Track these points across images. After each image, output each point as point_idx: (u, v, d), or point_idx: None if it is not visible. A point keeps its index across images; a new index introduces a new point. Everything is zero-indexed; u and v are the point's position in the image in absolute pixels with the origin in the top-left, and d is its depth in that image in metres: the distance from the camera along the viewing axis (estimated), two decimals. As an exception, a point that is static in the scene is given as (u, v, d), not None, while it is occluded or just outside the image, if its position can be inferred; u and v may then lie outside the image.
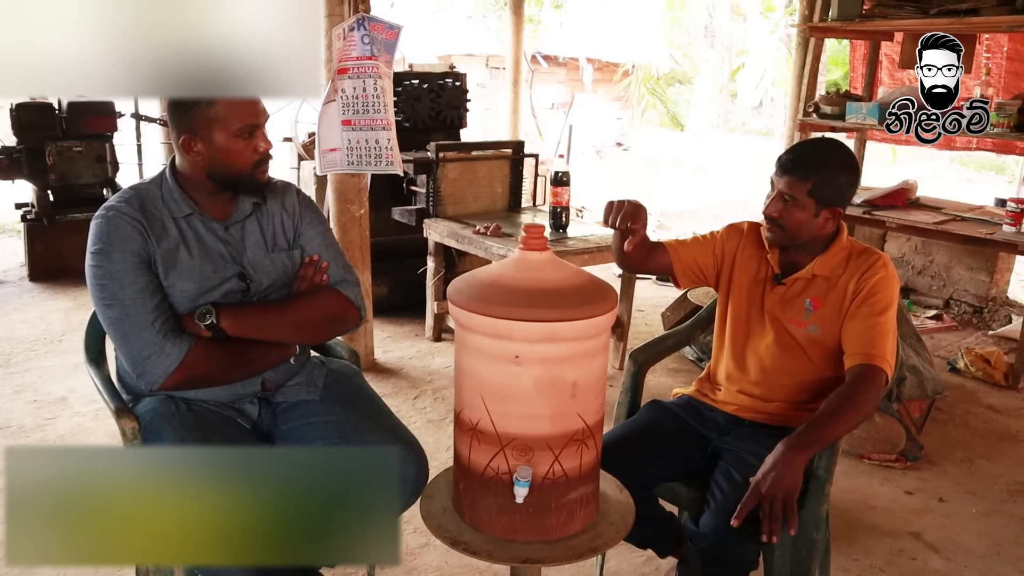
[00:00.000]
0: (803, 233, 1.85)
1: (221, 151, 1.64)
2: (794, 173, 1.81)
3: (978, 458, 3.07)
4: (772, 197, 1.85)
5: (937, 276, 4.96)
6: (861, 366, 1.75)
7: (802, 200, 1.80)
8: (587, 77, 16.95)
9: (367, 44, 3.15)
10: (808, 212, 1.82)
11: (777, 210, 1.83)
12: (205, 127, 1.62)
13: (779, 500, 1.57)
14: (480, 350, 1.40)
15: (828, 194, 1.81)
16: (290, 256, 1.82)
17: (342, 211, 3.55)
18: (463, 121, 4.85)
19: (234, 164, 1.66)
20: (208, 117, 1.61)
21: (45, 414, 3.23)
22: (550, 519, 1.44)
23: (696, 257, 2.01)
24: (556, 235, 3.73)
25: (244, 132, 1.64)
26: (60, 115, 4.89)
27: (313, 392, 1.86)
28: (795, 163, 1.82)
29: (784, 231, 1.85)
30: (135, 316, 1.59)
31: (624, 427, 1.96)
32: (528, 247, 1.45)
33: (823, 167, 1.82)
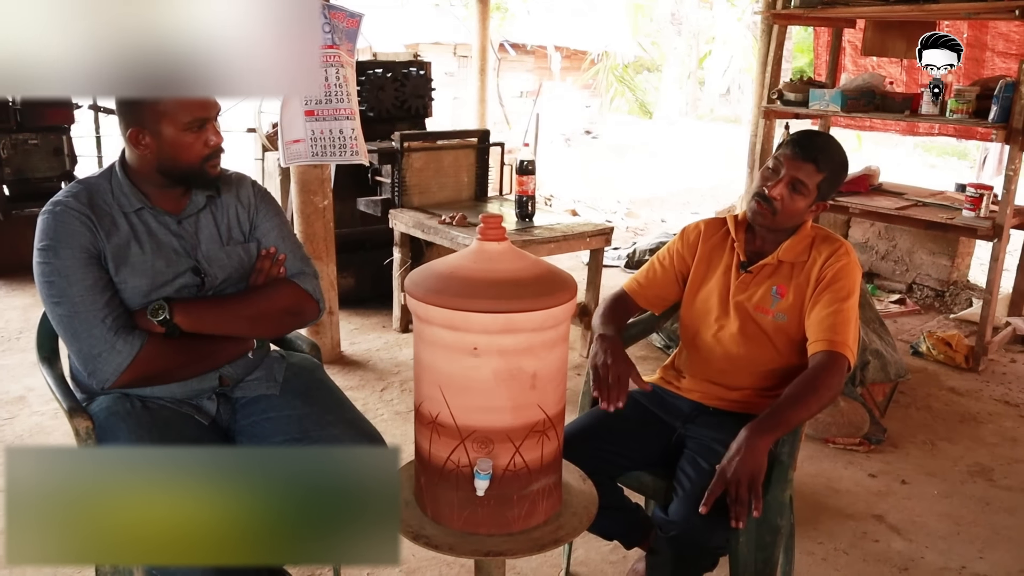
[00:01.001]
0: (791, 220, 1.86)
1: (170, 145, 1.59)
2: (813, 161, 1.80)
3: (939, 440, 3.11)
4: (779, 180, 1.82)
5: (900, 261, 5.02)
6: (824, 352, 1.76)
7: (810, 189, 1.81)
8: (555, 65, 16.92)
9: (328, 32, 3.10)
10: (807, 201, 1.83)
11: (781, 193, 1.82)
12: (153, 120, 1.57)
13: (744, 484, 1.58)
14: (438, 342, 1.38)
15: (827, 190, 1.84)
16: (246, 249, 1.78)
17: (305, 202, 3.51)
18: (428, 110, 4.81)
19: (183, 158, 1.62)
20: (156, 110, 1.57)
21: (3, 414, 3.16)
22: (512, 511, 1.43)
23: (658, 291, 2.05)
24: (523, 224, 3.72)
25: (193, 125, 1.60)
26: (14, 107, 4.77)
27: (273, 387, 1.83)
28: (816, 152, 1.81)
29: (776, 215, 1.84)
30: (84, 313, 1.55)
31: (587, 416, 1.95)
32: (486, 237, 1.43)
33: (836, 162, 1.84)
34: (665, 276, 2.03)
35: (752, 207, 1.87)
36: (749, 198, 1.89)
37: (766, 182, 1.84)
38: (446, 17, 14.63)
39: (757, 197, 1.85)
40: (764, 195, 1.83)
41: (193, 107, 1.59)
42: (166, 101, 1.56)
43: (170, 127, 1.58)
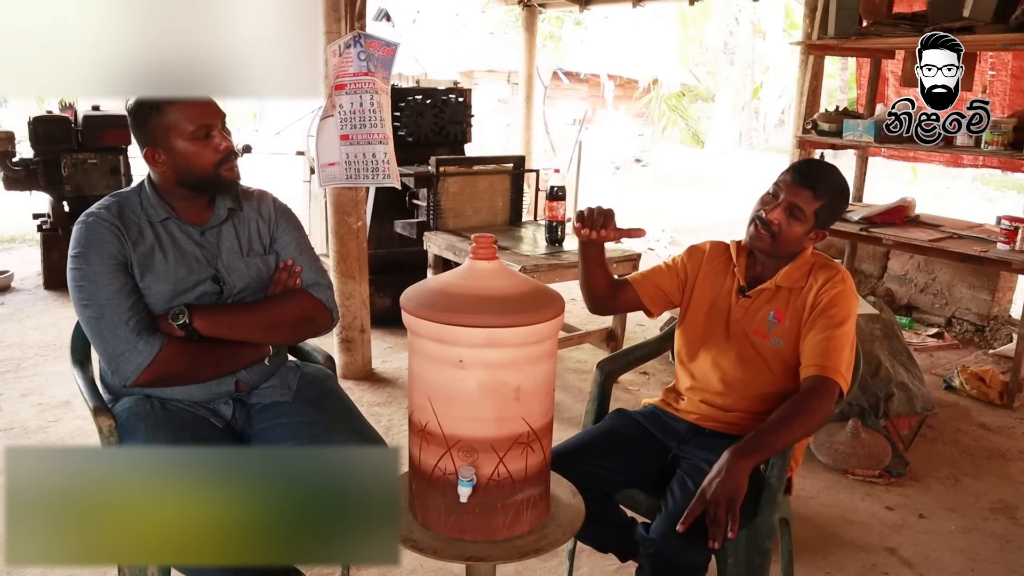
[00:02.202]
0: (789, 246, 1.89)
1: (182, 156, 1.71)
2: (811, 188, 1.84)
3: (964, 476, 3.07)
4: (777, 205, 1.86)
5: (939, 294, 4.95)
6: (814, 377, 1.78)
7: (807, 215, 1.85)
8: (608, 93, 17.04)
9: (363, 60, 3.24)
10: (805, 228, 1.87)
11: (778, 219, 1.86)
12: (163, 136, 1.70)
13: (723, 505, 1.60)
14: (427, 354, 1.45)
15: (826, 218, 1.87)
16: (264, 261, 1.89)
17: (340, 223, 3.63)
18: (467, 136, 4.93)
19: (197, 166, 1.73)
20: (163, 126, 1.69)
21: (48, 417, 3.33)
22: (496, 519, 1.49)
23: (660, 284, 2.06)
24: (552, 248, 3.79)
25: (200, 134, 1.71)
26: (76, 128, 5.04)
27: (286, 394, 1.92)
28: (815, 179, 1.84)
29: (774, 239, 1.88)
30: (110, 316, 1.67)
31: (587, 433, 2.00)
32: (477, 256, 1.50)
33: (834, 191, 1.87)
34: (667, 274, 2.06)
35: (751, 231, 1.91)
36: (748, 222, 1.94)
37: (764, 206, 1.88)
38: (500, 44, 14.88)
39: (756, 221, 1.90)
40: (762, 219, 1.88)
41: (195, 116, 1.70)
42: (170, 116, 1.68)
43: (179, 139, 1.70)
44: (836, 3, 4.18)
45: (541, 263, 3.49)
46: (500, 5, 7.85)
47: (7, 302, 5.01)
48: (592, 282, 2.02)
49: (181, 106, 1.69)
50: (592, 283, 2.02)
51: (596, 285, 2.02)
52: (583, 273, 2.01)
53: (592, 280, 2.02)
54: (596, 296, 2.04)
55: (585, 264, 1.99)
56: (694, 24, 16.12)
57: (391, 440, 1.98)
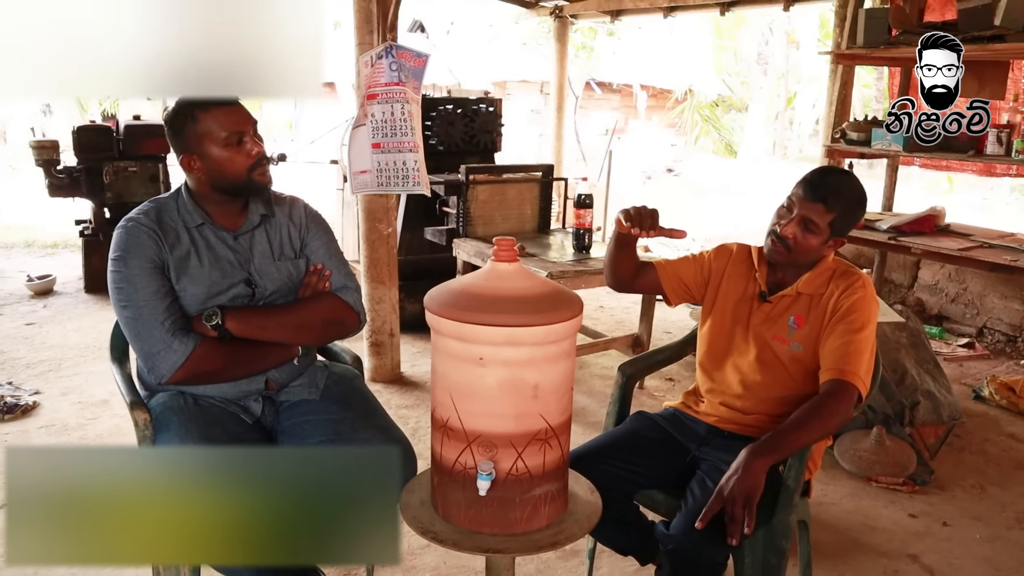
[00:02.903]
0: (806, 256, 1.92)
1: (216, 162, 1.79)
2: (822, 201, 1.86)
3: (990, 485, 3.05)
4: (791, 220, 1.89)
5: (971, 304, 4.90)
6: (833, 381, 1.80)
7: (821, 228, 1.87)
8: (641, 104, 17.05)
9: (395, 71, 3.32)
10: (821, 239, 1.89)
11: (793, 233, 1.88)
12: (197, 144, 1.78)
13: (740, 503, 1.64)
14: (449, 352, 1.51)
15: (843, 226, 1.89)
16: (295, 265, 1.96)
17: (371, 229, 3.71)
18: (497, 145, 5.00)
19: (231, 172, 1.80)
20: (197, 134, 1.77)
21: (87, 415, 3.44)
22: (514, 513, 1.53)
23: (683, 275, 2.09)
24: (579, 255, 3.83)
25: (232, 140, 1.78)
26: (117, 137, 5.20)
27: (314, 392, 1.99)
28: (826, 192, 1.86)
29: (790, 252, 1.91)
30: (147, 316, 1.75)
31: (607, 435, 2.04)
32: (499, 258, 1.55)
33: (847, 200, 1.88)
34: (693, 268, 2.10)
35: (768, 244, 1.95)
36: (766, 234, 1.96)
37: (780, 220, 1.91)
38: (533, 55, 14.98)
39: (772, 235, 1.93)
40: (777, 234, 1.91)
41: (228, 123, 1.78)
42: (203, 124, 1.76)
43: (212, 146, 1.78)
44: (865, 13, 4.18)
45: (568, 269, 3.53)
46: (533, 16, 7.92)
47: (49, 305, 5.17)
48: (619, 267, 2.07)
49: (214, 114, 1.77)
50: (619, 268, 2.08)
51: (623, 270, 2.08)
52: (612, 258, 2.06)
53: (619, 265, 2.07)
54: (620, 279, 2.10)
55: (617, 251, 2.04)
56: (728, 34, 16.08)
57: (417, 442, 2.04)
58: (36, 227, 7.82)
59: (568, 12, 7.39)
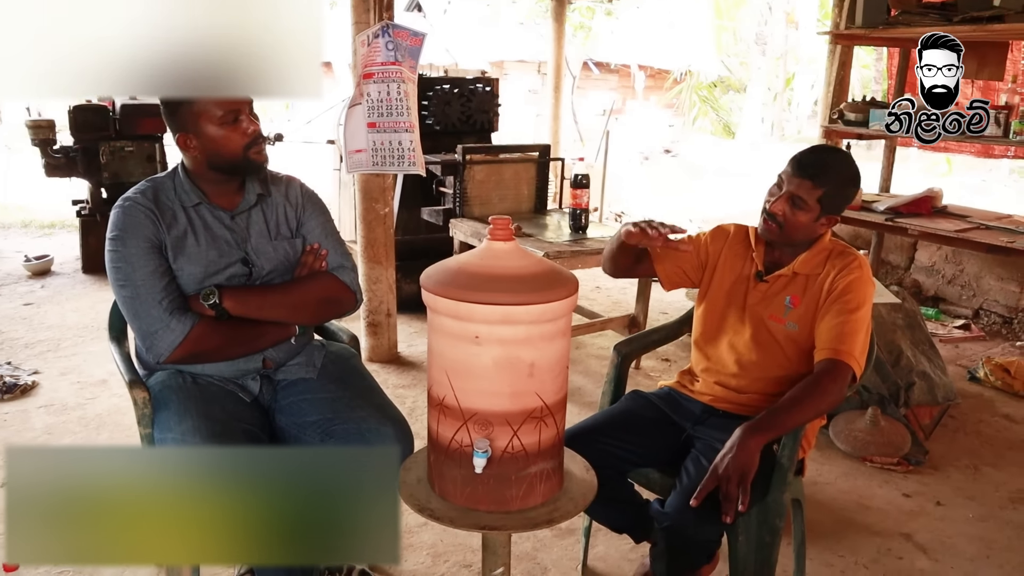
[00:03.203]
0: (799, 234, 1.92)
1: (212, 141, 1.79)
2: (811, 178, 1.86)
3: (984, 465, 3.07)
4: (779, 196, 1.90)
5: (967, 286, 4.91)
6: (827, 360, 1.81)
7: (810, 204, 1.87)
8: (639, 84, 16.96)
9: (391, 50, 3.30)
10: (811, 216, 1.89)
11: (782, 209, 1.89)
12: (193, 122, 1.77)
13: (735, 481, 1.65)
14: (445, 330, 1.51)
15: (833, 203, 1.89)
16: (292, 244, 1.96)
17: (367, 209, 3.71)
18: (494, 125, 4.98)
19: (227, 150, 1.80)
20: (193, 112, 1.76)
21: (86, 394, 3.45)
22: (510, 491, 1.54)
23: (679, 262, 2.10)
24: (576, 235, 3.83)
25: (228, 119, 1.78)
26: (114, 117, 5.18)
27: (311, 371, 2.00)
28: (813, 168, 1.87)
29: (782, 229, 1.91)
30: (145, 296, 1.75)
31: (602, 414, 2.05)
32: (494, 237, 1.56)
33: (837, 176, 1.88)
34: (690, 253, 2.10)
35: (760, 223, 1.95)
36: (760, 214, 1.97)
37: (771, 197, 1.92)
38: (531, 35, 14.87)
39: (763, 213, 1.93)
40: (767, 211, 1.91)
41: (224, 102, 1.77)
42: (200, 103, 1.76)
43: (209, 125, 1.77)
44: (865, -8, 4.17)
45: (564, 250, 3.53)
46: (530, -5, 7.85)
47: (47, 285, 5.17)
48: (618, 261, 2.08)
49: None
50: (618, 262, 2.09)
51: (622, 263, 2.09)
52: (612, 254, 2.07)
53: (619, 258, 2.08)
54: (618, 268, 2.11)
55: (619, 251, 2.05)
56: (727, 14, 15.99)
57: (414, 421, 2.05)
58: (33, 207, 7.80)
59: (566, -9, 7.34)
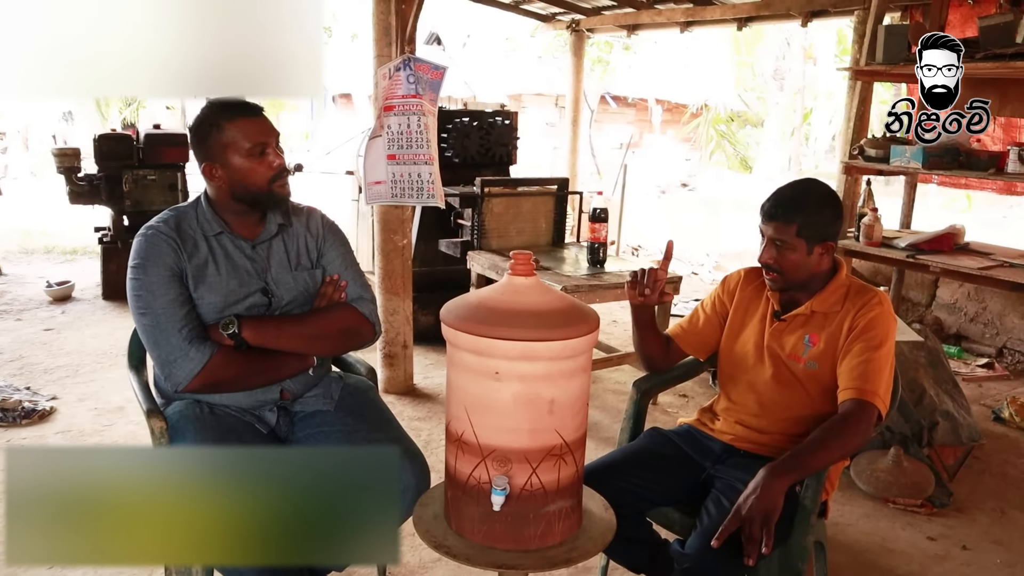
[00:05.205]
0: (801, 273, 1.91)
1: (238, 172, 1.80)
2: (778, 218, 1.88)
3: (1011, 508, 3.00)
4: (764, 244, 1.92)
5: (990, 324, 4.85)
6: (852, 400, 1.78)
7: (792, 242, 1.87)
8: (656, 118, 17.05)
9: (412, 83, 3.33)
10: (801, 252, 1.89)
11: (771, 256, 1.91)
12: (220, 152, 1.79)
13: (758, 523, 1.62)
14: (465, 366, 1.50)
15: (815, 232, 1.88)
16: (312, 275, 1.96)
17: (386, 240, 3.72)
18: (512, 158, 5.00)
19: (252, 182, 1.82)
20: (221, 143, 1.78)
21: (103, 421, 3.46)
22: (528, 529, 1.52)
23: (701, 332, 2.13)
24: (594, 269, 3.82)
25: (256, 151, 1.80)
26: (137, 145, 5.25)
27: (328, 403, 1.99)
28: (777, 208, 1.89)
29: (782, 275, 1.92)
30: (165, 324, 1.75)
31: (621, 451, 2.03)
32: (515, 272, 1.55)
33: (804, 207, 1.88)
34: (708, 322, 2.11)
35: (765, 276, 1.95)
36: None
37: (760, 250, 1.93)
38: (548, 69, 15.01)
39: (761, 265, 1.95)
40: (761, 262, 1.94)
41: (253, 134, 1.79)
42: (228, 133, 1.78)
43: (236, 156, 1.79)
44: (885, 29, 4.16)
45: (582, 283, 3.52)
46: (549, 29, 7.94)
47: (68, 311, 5.21)
48: (646, 345, 2.11)
49: (240, 124, 1.78)
50: (646, 345, 2.11)
51: (650, 347, 2.11)
52: (637, 336, 2.11)
53: (646, 343, 2.11)
54: (651, 357, 2.14)
55: (638, 327, 2.09)
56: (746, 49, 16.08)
57: (429, 454, 2.03)
58: (56, 233, 7.90)
59: (585, 26, 7.41)
